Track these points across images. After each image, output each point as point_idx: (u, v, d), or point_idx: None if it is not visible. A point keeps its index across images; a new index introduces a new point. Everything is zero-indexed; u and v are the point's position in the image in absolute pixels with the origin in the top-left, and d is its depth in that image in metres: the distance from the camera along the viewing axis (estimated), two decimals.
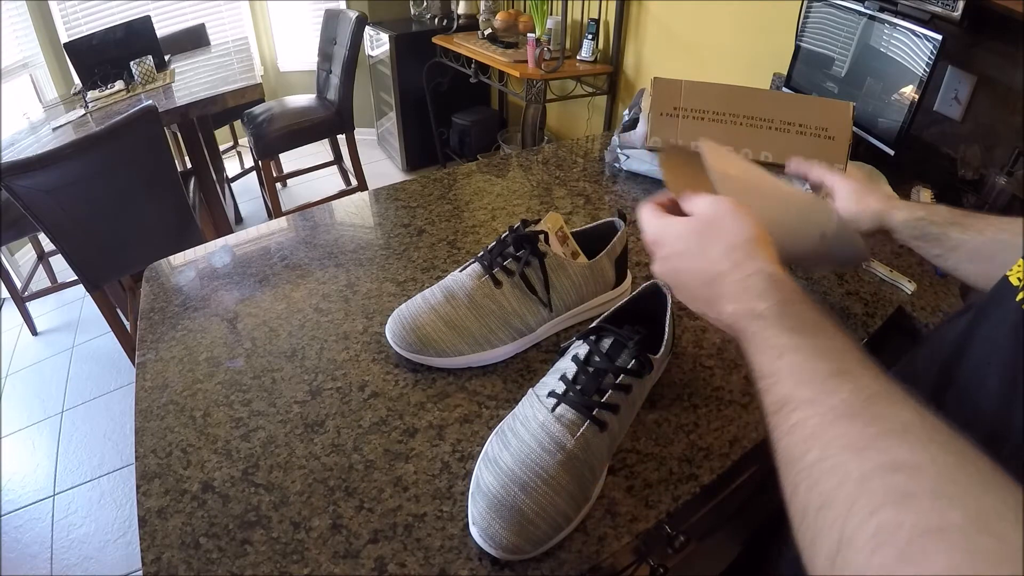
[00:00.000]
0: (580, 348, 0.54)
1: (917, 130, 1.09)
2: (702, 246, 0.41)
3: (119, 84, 2.25)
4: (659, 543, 0.53)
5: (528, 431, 0.50)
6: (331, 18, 2.52)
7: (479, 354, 0.64)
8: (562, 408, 0.50)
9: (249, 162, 3.14)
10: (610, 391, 0.51)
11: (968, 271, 0.54)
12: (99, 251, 1.60)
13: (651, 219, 0.47)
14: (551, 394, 0.51)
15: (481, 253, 0.67)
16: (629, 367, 0.52)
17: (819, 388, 0.29)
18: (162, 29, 2.59)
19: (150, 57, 2.32)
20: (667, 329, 0.58)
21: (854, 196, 0.61)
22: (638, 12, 2.13)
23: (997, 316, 0.34)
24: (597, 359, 0.52)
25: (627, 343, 0.52)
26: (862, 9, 1.12)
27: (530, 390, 0.55)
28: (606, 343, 0.53)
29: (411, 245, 0.89)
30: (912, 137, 1.06)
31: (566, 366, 0.53)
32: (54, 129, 2.00)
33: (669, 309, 0.59)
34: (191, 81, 2.29)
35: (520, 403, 0.55)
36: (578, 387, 0.51)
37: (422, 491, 0.52)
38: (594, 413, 0.50)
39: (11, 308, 2.33)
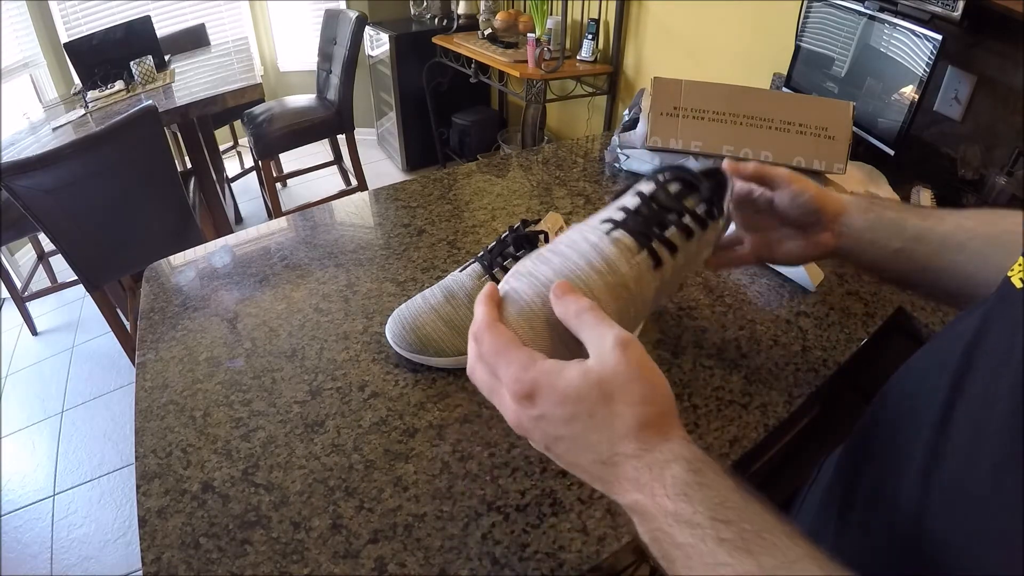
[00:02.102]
0: (646, 187, 0.49)
1: (917, 130, 1.09)
2: (601, 416, 0.32)
3: (119, 84, 2.25)
4: None
5: (575, 250, 0.43)
6: (331, 18, 2.52)
7: None
8: (619, 232, 0.44)
9: (249, 162, 3.14)
10: (672, 227, 0.46)
11: (938, 267, 0.49)
12: (99, 251, 1.60)
13: (515, 356, 0.35)
14: (607, 220, 0.46)
15: (481, 253, 0.67)
16: (697, 210, 0.47)
17: None
18: (162, 29, 2.59)
19: (150, 57, 2.32)
20: (726, 204, 0.50)
21: (793, 185, 0.52)
22: (638, 12, 2.13)
23: (1004, 323, 0.32)
24: (663, 196, 0.47)
25: (699, 186, 0.47)
26: (862, 9, 1.12)
27: (577, 223, 0.49)
28: (674, 186, 0.48)
29: (411, 245, 0.89)
30: (912, 137, 1.06)
31: (627, 200, 0.48)
32: (54, 129, 2.00)
33: (729, 182, 0.52)
34: (191, 81, 2.29)
35: (565, 231, 0.49)
36: (639, 218, 0.45)
37: (422, 491, 0.52)
38: (652, 244, 0.44)
39: (11, 308, 2.33)
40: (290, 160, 3.02)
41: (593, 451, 0.33)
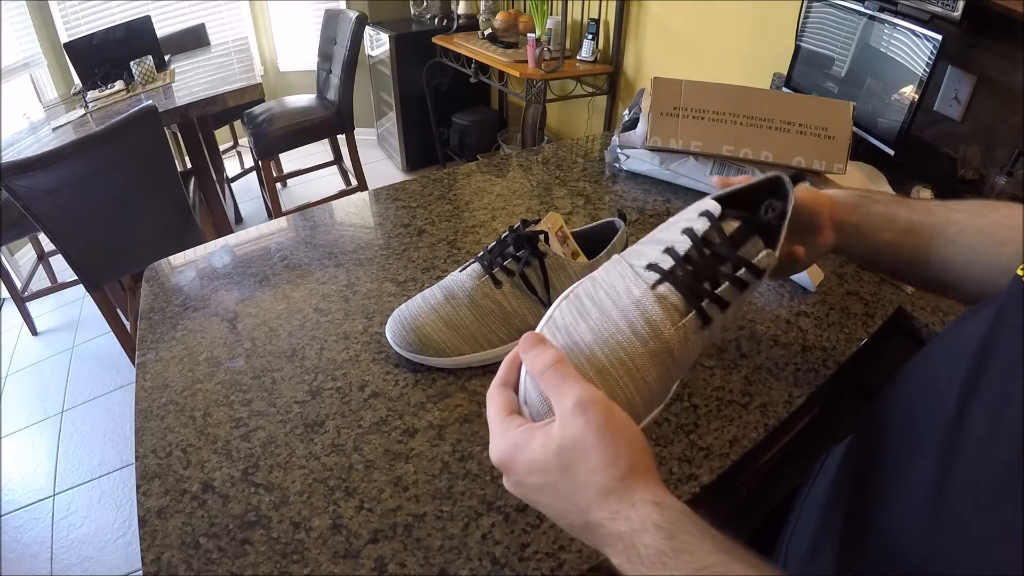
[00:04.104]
0: (698, 223, 0.42)
1: (917, 130, 1.09)
2: (565, 485, 0.32)
3: (119, 84, 2.25)
4: None
5: (616, 305, 0.40)
6: (331, 18, 2.52)
7: (479, 354, 0.64)
8: (665, 288, 0.39)
9: (249, 162, 3.14)
10: (726, 284, 0.40)
11: (929, 259, 0.48)
12: (99, 251, 1.60)
13: (497, 426, 0.37)
14: (652, 267, 0.41)
15: (481, 253, 0.67)
16: (755, 260, 0.40)
17: None
18: (162, 29, 2.59)
19: (150, 57, 2.32)
20: (783, 231, 0.42)
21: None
22: (638, 12, 2.13)
23: (1017, 321, 0.32)
24: (718, 241, 0.41)
25: (758, 230, 0.40)
26: (862, 9, 1.12)
27: (617, 256, 0.45)
28: (732, 225, 0.41)
29: (411, 245, 0.89)
30: (912, 137, 1.06)
31: (674, 238, 0.42)
32: (54, 129, 2.00)
33: (790, 206, 0.43)
34: (191, 81, 2.29)
35: (602, 268, 0.44)
36: (690, 268, 0.40)
37: (422, 491, 0.52)
38: (703, 303, 0.39)
39: (11, 308, 2.33)
40: (290, 160, 3.02)
41: (569, 516, 0.33)
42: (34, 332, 2.32)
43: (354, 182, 2.72)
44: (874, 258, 0.53)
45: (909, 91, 1.03)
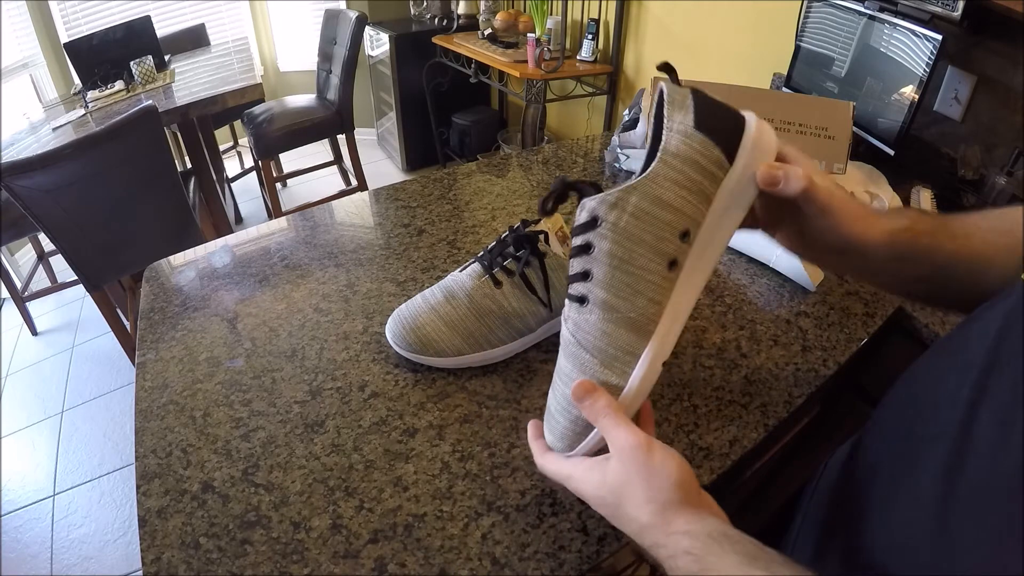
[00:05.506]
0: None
1: (917, 130, 1.09)
2: (619, 518, 0.40)
3: (119, 84, 2.25)
4: None
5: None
6: (331, 18, 2.52)
7: (479, 354, 0.64)
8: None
9: (249, 162, 3.14)
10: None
11: (961, 287, 0.44)
12: (99, 251, 1.60)
13: (549, 464, 0.45)
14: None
15: (481, 253, 0.67)
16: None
17: None
18: (162, 29, 2.59)
19: (150, 57, 2.32)
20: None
21: (830, 218, 0.43)
22: (638, 12, 2.13)
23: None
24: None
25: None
26: (862, 9, 1.12)
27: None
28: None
29: (411, 245, 0.89)
30: (912, 137, 1.06)
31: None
32: (54, 129, 2.00)
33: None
34: (191, 81, 2.29)
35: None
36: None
37: (422, 491, 0.52)
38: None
39: (11, 308, 2.33)
40: (290, 160, 3.02)
41: (629, 534, 0.40)
42: (34, 332, 2.32)
43: (354, 182, 2.72)
44: (897, 289, 0.51)
45: (909, 91, 1.03)
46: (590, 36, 2.26)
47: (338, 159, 2.92)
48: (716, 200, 0.42)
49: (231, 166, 3.10)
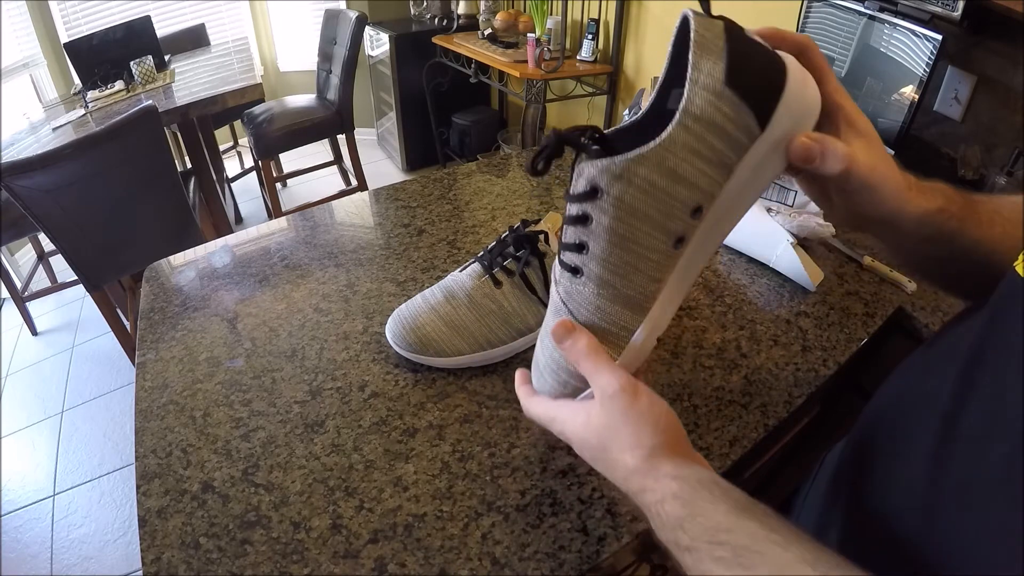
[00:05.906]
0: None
1: (917, 130, 1.09)
2: (603, 462, 0.39)
3: (119, 84, 2.25)
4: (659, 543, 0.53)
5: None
6: (331, 18, 2.52)
7: (479, 354, 0.64)
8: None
9: (249, 162, 3.14)
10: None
11: (981, 272, 0.42)
12: (99, 251, 1.60)
13: (534, 407, 0.44)
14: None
15: (481, 253, 0.67)
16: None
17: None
18: (162, 29, 2.59)
19: (150, 57, 2.32)
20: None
21: (872, 161, 0.41)
22: (638, 12, 2.13)
23: (1013, 314, 0.31)
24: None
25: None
26: (862, 9, 1.12)
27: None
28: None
29: (411, 245, 0.89)
30: (912, 137, 1.06)
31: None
32: (54, 129, 2.00)
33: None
34: (191, 81, 2.29)
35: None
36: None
37: (422, 491, 0.52)
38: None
39: (11, 308, 2.33)
40: (290, 160, 3.02)
41: (615, 481, 0.38)
42: (34, 332, 2.32)
43: (354, 182, 2.72)
44: (917, 266, 0.49)
45: (909, 91, 1.03)
46: (590, 36, 2.26)
47: (338, 159, 2.92)
48: (737, 172, 0.35)
49: (231, 166, 3.11)
